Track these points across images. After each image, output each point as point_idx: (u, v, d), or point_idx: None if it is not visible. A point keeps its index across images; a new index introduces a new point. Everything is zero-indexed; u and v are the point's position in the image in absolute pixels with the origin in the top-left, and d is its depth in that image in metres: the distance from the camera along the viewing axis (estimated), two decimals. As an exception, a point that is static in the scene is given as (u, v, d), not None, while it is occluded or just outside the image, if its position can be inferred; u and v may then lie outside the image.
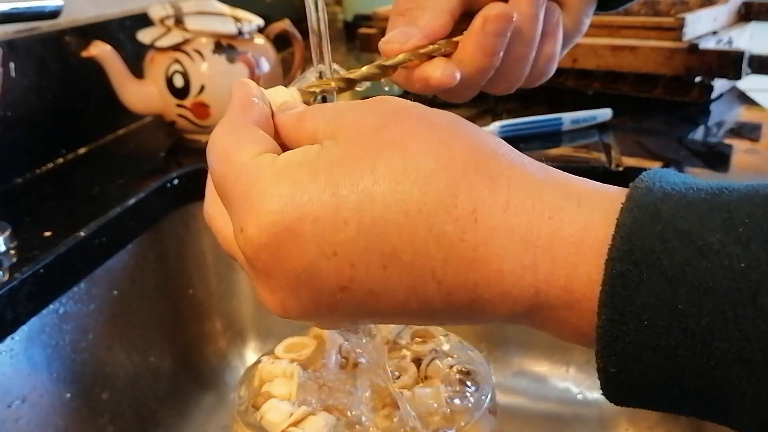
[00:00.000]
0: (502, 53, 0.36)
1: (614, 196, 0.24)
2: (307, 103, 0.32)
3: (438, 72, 0.35)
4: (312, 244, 0.24)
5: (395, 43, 0.35)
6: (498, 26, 0.35)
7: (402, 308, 0.25)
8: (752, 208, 0.21)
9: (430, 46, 0.35)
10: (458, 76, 0.35)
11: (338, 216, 0.24)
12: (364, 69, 0.34)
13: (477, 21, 0.35)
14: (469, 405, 0.39)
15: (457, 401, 0.39)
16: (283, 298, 0.26)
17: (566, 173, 0.26)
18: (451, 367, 0.41)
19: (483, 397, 0.40)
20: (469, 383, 0.40)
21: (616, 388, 0.23)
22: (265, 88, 0.31)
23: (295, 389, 0.40)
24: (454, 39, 0.35)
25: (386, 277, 0.24)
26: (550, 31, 0.39)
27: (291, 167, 0.25)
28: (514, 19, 0.35)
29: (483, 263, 0.23)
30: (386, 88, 0.86)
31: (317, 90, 0.33)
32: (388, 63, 0.34)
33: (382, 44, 0.35)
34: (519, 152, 0.26)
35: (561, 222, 0.23)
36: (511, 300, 0.24)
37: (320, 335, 0.45)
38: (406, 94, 0.32)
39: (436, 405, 0.38)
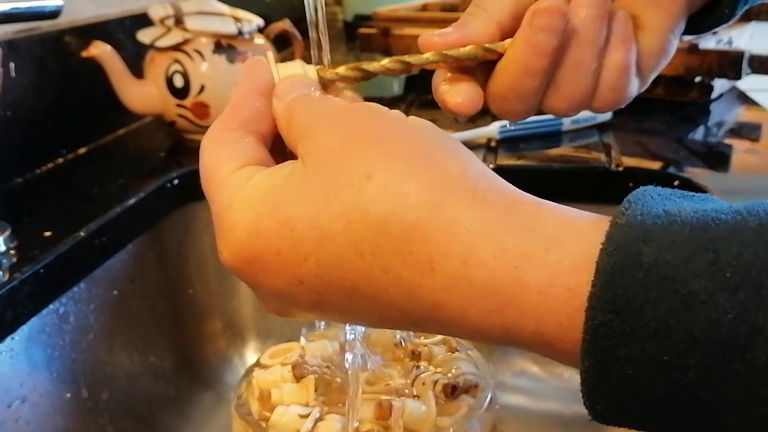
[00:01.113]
0: (553, 55, 0.32)
1: (588, 233, 0.22)
2: (324, 86, 0.31)
3: (458, 98, 0.32)
4: (280, 274, 0.25)
5: (433, 36, 0.32)
6: (548, 20, 0.31)
7: (378, 325, 0.26)
8: (740, 248, 0.19)
9: (462, 50, 0.32)
10: (479, 104, 0.33)
11: (299, 252, 0.24)
12: (386, 61, 0.32)
13: (526, 15, 0.31)
14: (463, 411, 0.39)
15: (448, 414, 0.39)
16: (273, 304, 0.28)
17: (539, 203, 0.24)
18: (436, 382, 0.40)
19: (481, 400, 0.40)
20: (459, 393, 0.40)
21: (605, 420, 0.22)
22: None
23: (312, 393, 0.39)
24: (489, 45, 0.32)
25: (353, 305, 0.25)
26: (617, 38, 0.34)
27: (258, 196, 0.26)
28: (566, 14, 0.31)
29: (445, 306, 0.23)
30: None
31: (334, 76, 0.31)
32: (412, 60, 0.32)
33: (420, 38, 0.32)
34: (489, 179, 0.24)
35: (526, 271, 0.22)
36: (482, 336, 0.24)
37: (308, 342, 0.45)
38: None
39: (427, 418, 0.38)
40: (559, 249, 0.22)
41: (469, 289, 0.23)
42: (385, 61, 0.32)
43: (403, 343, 0.44)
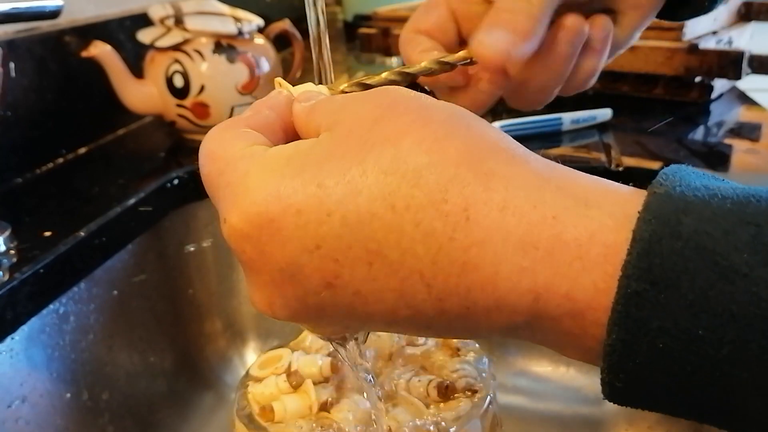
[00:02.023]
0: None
1: (627, 198, 0.22)
2: None
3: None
4: (294, 238, 0.23)
5: (495, 51, 0.34)
6: (573, 37, 0.36)
7: (392, 314, 0.24)
8: None
9: (455, 55, 0.34)
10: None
11: (322, 208, 0.23)
12: (385, 75, 0.33)
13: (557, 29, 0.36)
14: (463, 411, 0.39)
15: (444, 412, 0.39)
16: (270, 296, 0.25)
17: (576, 171, 0.24)
18: (430, 381, 0.40)
19: (481, 401, 0.40)
20: (456, 394, 0.40)
21: (621, 399, 0.22)
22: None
23: (313, 398, 0.39)
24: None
25: (372, 276, 0.23)
26: (596, 47, 0.38)
27: (280, 160, 0.24)
28: (585, 32, 0.36)
29: (475, 267, 0.22)
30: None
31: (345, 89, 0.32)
32: (410, 70, 0.33)
33: (481, 47, 0.34)
34: (525, 149, 0.24)
35: (565, 225, 0.21)
36: (509, 308, 0.22)
37: (295, 346, 0.45)
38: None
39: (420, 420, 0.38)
40: (599, 208, 0.21)
41: (503, 243, 0.21)
42: (385, 74, 0.32)
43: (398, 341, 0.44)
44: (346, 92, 0.31)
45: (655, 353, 0.19)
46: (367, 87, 0.31)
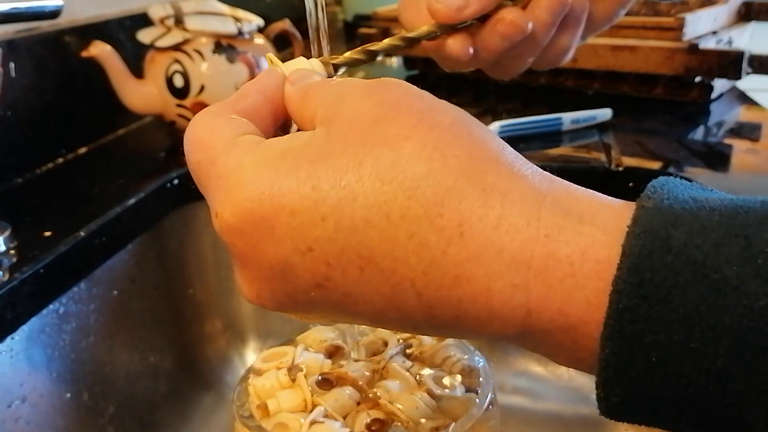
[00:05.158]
0: (501, 54, 0.37)
1: (620, 211, 0.22)
2: (330, 76, 0.31)
3: (456, 47, 0.35)
4: (287, 238, 0.23)
5: (449, 8, 0.34)
6: (508, 32, 0.36)
7: (381, 315, 0.24)
8: None
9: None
10: (471, 51, 0.36)
11: (316, 211, 0.22)
12: (387, 41, 0.32)
13: (492, 19, 0.36)
14: (461, 397, 0.39)
15: (447, 392, 0.39)
16: (259, 289, 0.25)
17: (572, 184, 0.24)
18: (409, 369, 0.40)
19: (482, 397, 0.40)
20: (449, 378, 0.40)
21: (617, 415, 0.22)
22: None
23: (307, 390, 0.39)
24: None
25: (363, 281, 0.23)
26: (570, 24, 0.38)
27: (275, 154, 0.24)
28: (528, 29, 0.36)
29: (468, 281, 0.22)
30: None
31: (340, 62, 0.31)
32: (411, 35, 0.33)
33: (435, 4, 0.34)
34: (524, 160, 0.24)
35: (558, 242, 0.21)
36: (500, 321, 0.22)
37: (299, 341, 0.45)
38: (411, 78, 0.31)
39: (419, 398, 0.38)
40: (592, 224, 0.22)
41: (497, 260, 0.21)
42: (387, 41, 0.32)
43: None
44: (352, 59, 0.32)
45: (649, 367, 0.20)
46: (373, 53, 0.31)
